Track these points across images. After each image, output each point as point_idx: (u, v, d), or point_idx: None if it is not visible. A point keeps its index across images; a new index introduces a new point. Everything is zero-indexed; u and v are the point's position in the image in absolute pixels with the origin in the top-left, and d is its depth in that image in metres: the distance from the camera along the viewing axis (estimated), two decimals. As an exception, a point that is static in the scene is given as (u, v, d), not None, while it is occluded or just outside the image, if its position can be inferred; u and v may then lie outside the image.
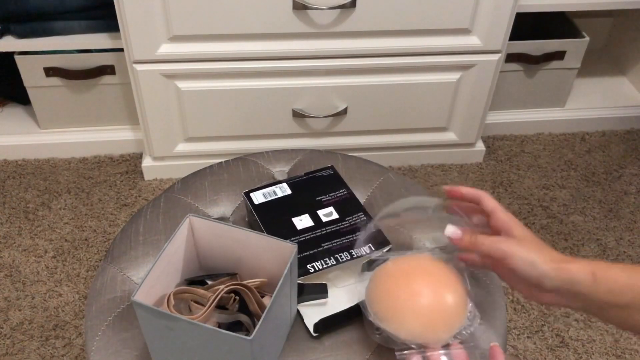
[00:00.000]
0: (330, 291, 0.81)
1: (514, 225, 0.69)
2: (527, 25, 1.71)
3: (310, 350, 0.76)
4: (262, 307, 0.73)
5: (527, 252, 0.65)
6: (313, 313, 0.79)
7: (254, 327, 0.70)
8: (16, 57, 1.51)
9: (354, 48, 1.42)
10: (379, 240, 0.83)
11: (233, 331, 0.65)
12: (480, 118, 1.60)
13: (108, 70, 1.56)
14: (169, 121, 1.51)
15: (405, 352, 0.70)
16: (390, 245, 0.83)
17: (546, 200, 1.61)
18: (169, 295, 0.69)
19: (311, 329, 0.77)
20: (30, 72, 1.54)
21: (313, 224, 0.85)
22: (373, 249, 0.82)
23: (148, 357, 0.74)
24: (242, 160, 1.02)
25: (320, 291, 0.80)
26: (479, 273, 0.86)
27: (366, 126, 1.58)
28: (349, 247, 0.82)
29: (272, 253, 0.73)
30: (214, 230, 0.75)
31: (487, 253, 0.68)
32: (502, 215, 0.70)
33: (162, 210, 0.93)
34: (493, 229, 0.71)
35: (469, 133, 1.64)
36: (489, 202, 0.72)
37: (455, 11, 1.38)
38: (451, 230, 0.72)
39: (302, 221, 0.85)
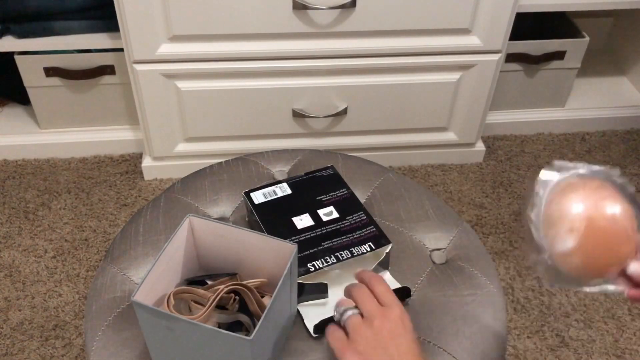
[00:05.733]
0: (330, 291, 0.81)
1: None
2: (527, 25, 1.71)
3: (310, 350, 0.76)
4: (262, 307, 0.73)
5: None
6: (313, 313, 0.79)
7: (254, 327, 0.70)
8: (16, 57, 1.51)
9: (354, 48, 1.42)
10: (379, 239, 0.83)
11: (233, 331, 0.65)
12: (480, 118, 1.60)
13: (108, 70, 1.56)
14: (169, 121, 1.51)
15: None
16: (391, 244, 0.83)
17: (546, 200, 1.61)
18: (169, 295, 0.69)
19: (311, 329, 0.77)
20: (30, 72, 1.54)
21: (313, 223, 0.85)
22: (373, 247, 0.82)
23: (148, 357, 0.74)
24: (242, 160, 1.02)
25: (320, 291, 0.80)
26: (479, 273, 0.86)
27: (366, 126, 1.58)
28: (349, 245, 0.82)
29: (272, 253, 0.73)
30: (214, 230, 0.75)
31: None
32: None
33: (162, 210, 0.93)
34: None
35: (469, 133, 1.64)
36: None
37: (455, 11, 1.38)
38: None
39: (303, 220, 0.85)
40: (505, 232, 1.52)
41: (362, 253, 0.81)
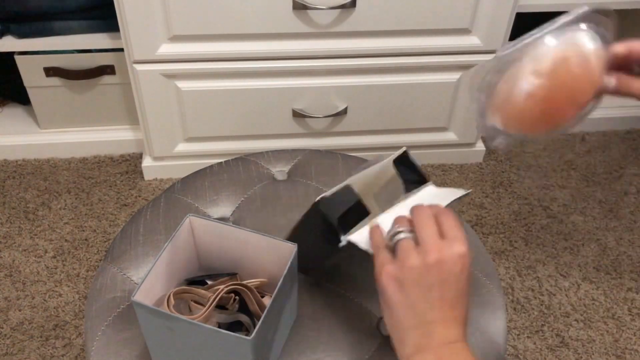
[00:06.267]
0: (371, 206, 0.69)
1: None
2: (527, 25, 1.71)
3: (310, 350, 0.76)
4: (262, 307, 0.73)
5: None
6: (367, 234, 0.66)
7: (254, 327, 0.70)
8: (16, 57, 1.51)
9: (354, 48, 1.42)
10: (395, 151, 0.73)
11: (233, 331, 0.65)
12: (480, 118, 1.60)
13: (108, 70, 1.56)
14: (169, 121, 1.51)
15: None
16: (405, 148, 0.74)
17: (546, 200, 1.61)
18: (169, 295, 0.69)
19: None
20: (30, 72, 1.54)
21: None
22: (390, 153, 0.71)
23: (148, 357, 0.74)
24: (242, 160, 1.02)
25: (348, 202, 0.67)
26: (479, 273, 0.86)
27: (366, 126, 1.58)
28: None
29: (272, 253, 0.73)
30: (214, 230, 0.75)
31: None
32: None
33: (162, 210, 0.93)
34: None
35: (469, 133, 1.64)
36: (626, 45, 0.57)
37: (455, 11, 1.38)
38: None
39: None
40: (505, 232, 1.52)
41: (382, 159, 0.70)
